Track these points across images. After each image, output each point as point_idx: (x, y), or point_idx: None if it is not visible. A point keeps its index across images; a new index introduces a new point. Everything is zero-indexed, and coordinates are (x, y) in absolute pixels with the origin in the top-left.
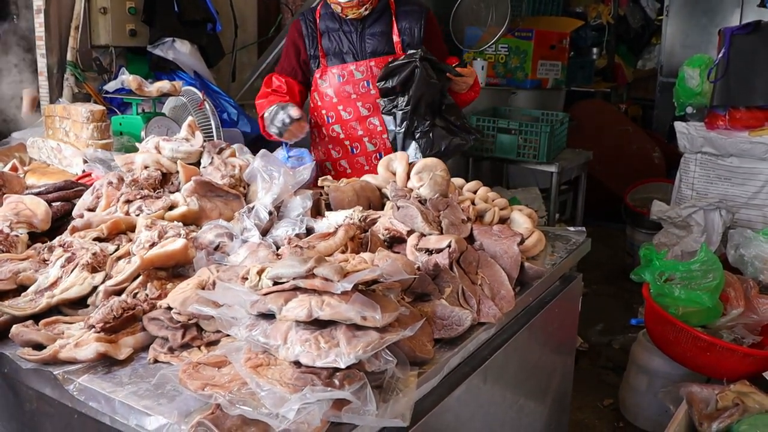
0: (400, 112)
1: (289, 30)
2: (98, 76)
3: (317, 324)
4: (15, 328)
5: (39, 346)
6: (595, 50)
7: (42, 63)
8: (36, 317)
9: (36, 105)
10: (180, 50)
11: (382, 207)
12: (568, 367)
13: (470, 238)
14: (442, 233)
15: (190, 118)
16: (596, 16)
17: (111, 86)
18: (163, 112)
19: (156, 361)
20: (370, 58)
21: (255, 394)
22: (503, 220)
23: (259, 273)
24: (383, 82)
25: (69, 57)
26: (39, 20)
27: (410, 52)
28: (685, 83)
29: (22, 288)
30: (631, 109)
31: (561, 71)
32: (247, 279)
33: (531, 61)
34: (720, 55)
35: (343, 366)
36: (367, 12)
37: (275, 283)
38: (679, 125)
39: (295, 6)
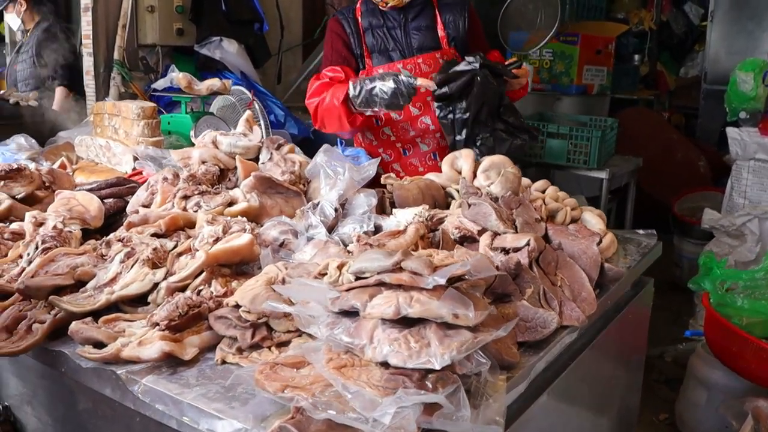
0: (460, 120)
1: (329, 28)
2: (144, 76)
3: (404, 322)
4: (74, 325)
5: (98, 345)
6: (636, 57)
7: (89, 62)
8: (95, 314)
9: (69, 100)
10: (227, 50)
11: (446, 206)
12: (637, 378)
13: (545, 238)
14: (516, 232)
15: (248, 112)
16: (638, 22)
17: (159, 84)
18: (212, 111)
19: (224, 362)
20: (417, 54)
21: (341, 397)
22: (574, 221)
23: (339, 268)
24: (439, 89)
25: (116, 56)
26: (87, 18)
27: (468, 59)
28: (737, 87)
29: (80, 284)
30: (674, 118)
31: (606, 77)
32: (324, 275)
33: (576, 66)
34: None
35: (438, 367)
36: (406, 0)
37: (357, 278)
38: (731, 131)
39: (341, 7)
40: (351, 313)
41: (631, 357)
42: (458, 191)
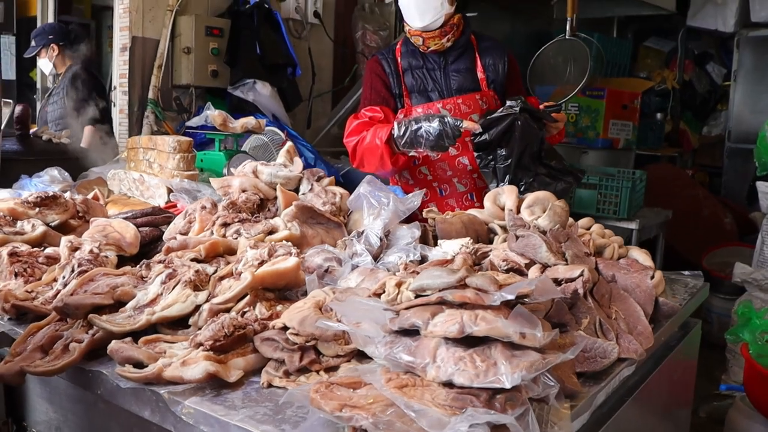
0: (502, 167)
1: (367, 68)
2: (177, 116)
3: (467, 342)
4: (114, 344)
5: (138, 366)
6: (659, 116)
7: (123, 100)
8: (134, 335)
9: (96, 139)
10: (261, 92)
11: (489, 242)
12: (684, 426)
13: (596, 272)
14: (567, 265)
15: (289, 143)
16: (661, 81)
17: (194, 122)
18: (244, 150)
19: (270, 385)
20: (456, 95)
21: (404, 417)
22: (621, 258)
23: (398, 286)
24: (479, 136)
25: (150, 95)
26: (123, 58)
27: (509, 103)
28: (767, 142)
29: (119, 304)
30: (697, 176)
31: (632, 132)
32: (379, 296)
33: (603, 120)
34: None
35: (508, 386)
36: (449, 43)
37: (418, 296)
38: (761, 185)
39: (371, 56)
40: (410, 333)
41: (681, 400)
42: (501, 227)
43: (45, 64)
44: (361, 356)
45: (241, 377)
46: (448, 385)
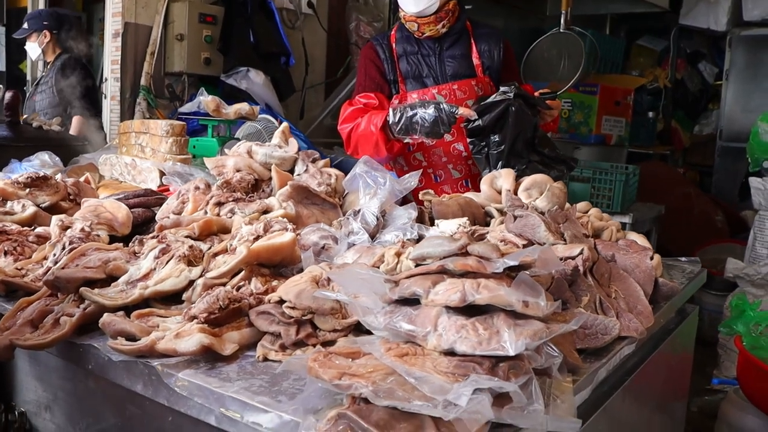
0: (495, 153)
1: (362, 54)
2: (169, 103)
3: (469, 311)
4: (106, 317)
5: (130, 340)
6: (651, 114)
7: (115, 87)
8: (126, 310)
9: (85, 128)
10: (254, 80)
11: (485, 225)
12: (681, 416)
13: (595, 252)
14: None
15: (284, 123)
16: (653, 80)
17: (187, 108)
18: (237, 137)
19: (265, 359)
20: (451, 81)
21: (405, 384)
22: (617, 240)
23: (397, 255)
24: (472, 122)
25: (142, 82)
26: (115, 44)
27: (503, 88)
28: (759, 138)
29: (111, 279)
30: (688, 174)
31: (625, 128)
32: (378, 265)
33: (596, 116)
34: None
35: (512, 353)
36: (444, 29)
37: (418, 266)
38: (754, 181)
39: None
40: (411, 302)
41: (677, 389)
42: (498, 210)
43: (33, 49)
44: (358, 330)
45: (236, 351)
46: (450, 353)
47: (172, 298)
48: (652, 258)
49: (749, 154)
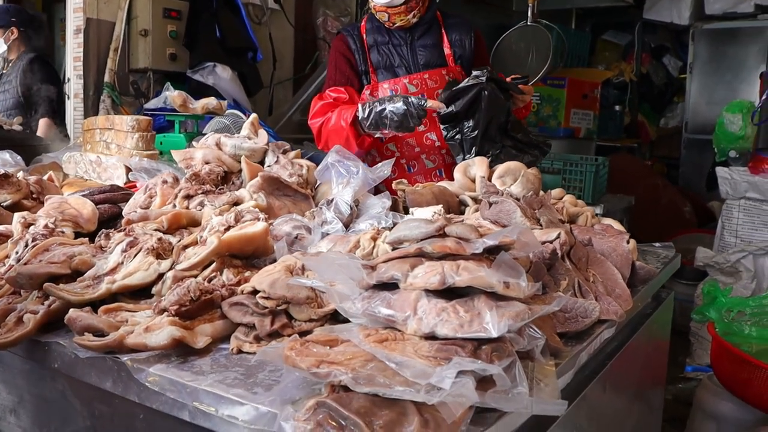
0: (469, 138)
1: (333, 46)
2: (135, 101)
3: (449, 294)
4: (72, 312)
5: (98, 336)
6: (617, 108)
7: (78, 84)
8: (93, 305)
9: (52, 130)
10: (221, 76)
11: (460, 214)
12: (658, 403)
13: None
14: None
15: (253, 115)
16: (619, 74)
17: (153, 104)
18: (205, 133)
19: (240, 351)
20: (423, 70)
21: (386, 370)
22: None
23: (373, 239)
24: (447, 114)
25: (106, 79)
26: (77, 41)
27: (475, 73)
28: (725, 128)
29: (77, 274)
30: (655, 167)
31: (593, 121)
32: (353, 251)
33: (564, 109)
34: (764, 97)
35: (495, 334)
36: (415, 19)
37: (394, 249)
38: (721, 170)
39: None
40: (389, 286)
41: (655, 376)
42: (472, 198)
43: None
44: (335, 320)
45: (209, 344)
46: (431, 337)
47: (141, 293)
48: (628, 242)
49: (715, 145)
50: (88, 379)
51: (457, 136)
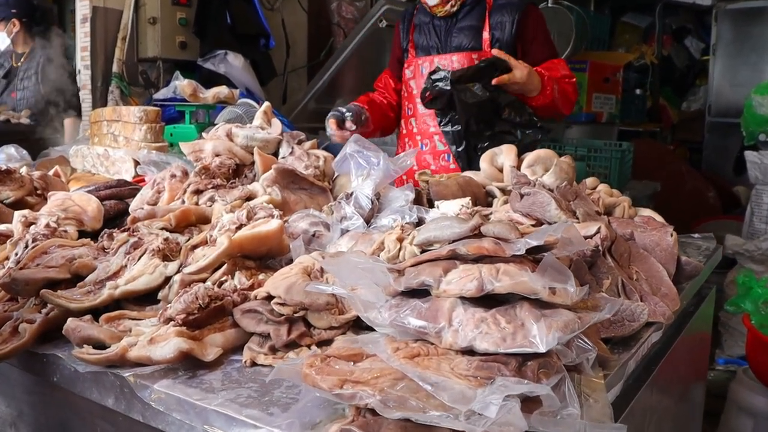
0: (458, 132)
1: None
2: (144, 91)
3: (486, 301)
4: (71, 322)
5: (99, 347)
6: (638, 91)
7: (86, 75)
8: (94, 313)
9: (75, 132)
10: (232, 64)
11: (487, 206)
12: (700, 398)
13: (613, 230)
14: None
15: (266, 103)
16: (639, 56)
17: (162, 94)
18: (216, 123)
19: (254, 363)
20: (453, 52)
21: (419, 392)
22: (630, 218)
23: (399, 240)
24: (431, 105)
25: (114, 69)
26: (84, 30)
27: (433, 77)
28: (754, 111)
29: (77, 278)
30: (678, 151)
31: (615, 105)
32: (377, 254)
33: (586, 93)
34: None
35: (543, 349)
36: (454, 8)
37: (424, 252)
38: (750, 155)
39: (348, 28)
40: (419, 293)
41: (698, 371)
42: (500, 189)
43: (1, 39)
44: (357, 327)
45: (220, 356)
46: (469, 352)
47: (146, 298)
48: (671, 235)
49: (744, 128)
50: (88, 395)
51: (448, 127)
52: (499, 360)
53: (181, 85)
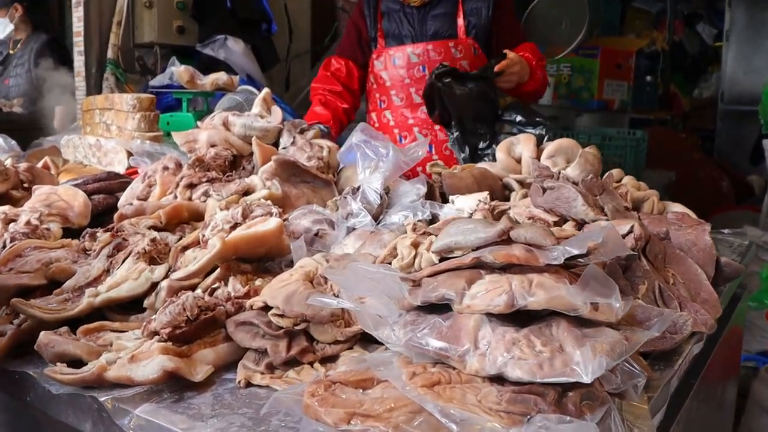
0: (459, 138)
1: (353, 11)
2: (141, 78)
3: (517, 318)
4: (43, 336)
5: (77, 363)
6: (649, 78)
7: (79, 61)
8: (72, 323)
9: (66, 119)
10: (233, 49)
11: (504, 200)
12: (732, 397)
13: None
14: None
15: (265, 90)
16: (650, 43)
17: (158, 80)
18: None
19: (249, 384)
20: (429, 40)
21: (440, 429)
22: (660, 213)
23: (414, 246)
24: (433, 113)
25: (109, 55)
26: (78, 14)
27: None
28: None
29: (54, 284)
30: (689, 139)
31: (627, 92)
32: (389, 261)
33: (597, 80)
34: None
35: (588, 380)
36: None
37: (443, 260)
38: None
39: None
40: (438, 308)
41: (731, 368)
42: (518, 182)
43: (3, 24)
44: (366, 340)
45: (211, 374)
46: (497, 379)
47: (130, 306)
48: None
49: (762, 116)
50: (64, 419)
51: (451, 136)
52: (534, 391)
53: (178, 71)
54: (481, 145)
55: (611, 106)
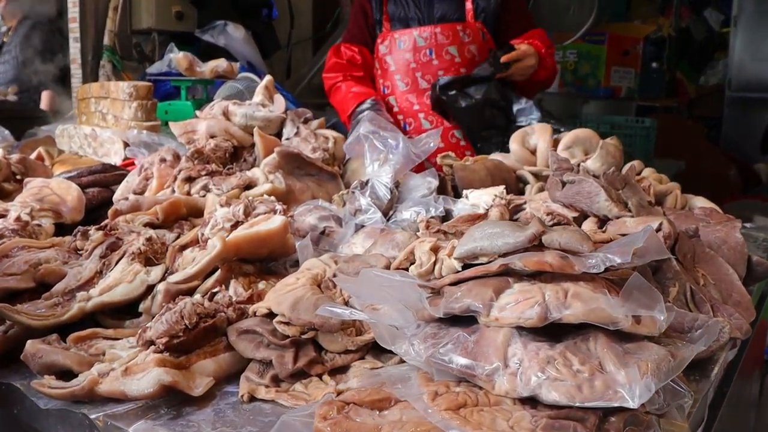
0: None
1: None
2: (138, 65)
3: (550, 332)
4: (30, 345)
5: (67, 375)
6: (654, 65)
7: (75, 48)
8: (62, 329)
9: (54, 104)
10: (233, 35)
11: (518, 193)
12: (756, 391)
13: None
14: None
15: (267, 77)
16: (656, 29)
17: (156, 68)
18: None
19: (252, 398)
20: (437, 23)
21: None
22: (682, 208)
23: (434, 251)
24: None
25: (106, 42)
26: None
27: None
28: None
29: (43, 287)
30: (696, 128)
31: (634, 79)
32: (406, 268)
33: (604, 67)
34: None
35: (635, 405)
36: None
37: (466, 267)
38: None
39: None
40: (462, 320)
41: (757, 362)
42: (533, 174)
43: None
44: (378, 349)
45: (211, 387)
46: (530, 400)
47: (125, 310)
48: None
49: None
50: None
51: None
52: (573, 416)
53: (177, 57)
54: (491, 141)
55: (618, 94)
